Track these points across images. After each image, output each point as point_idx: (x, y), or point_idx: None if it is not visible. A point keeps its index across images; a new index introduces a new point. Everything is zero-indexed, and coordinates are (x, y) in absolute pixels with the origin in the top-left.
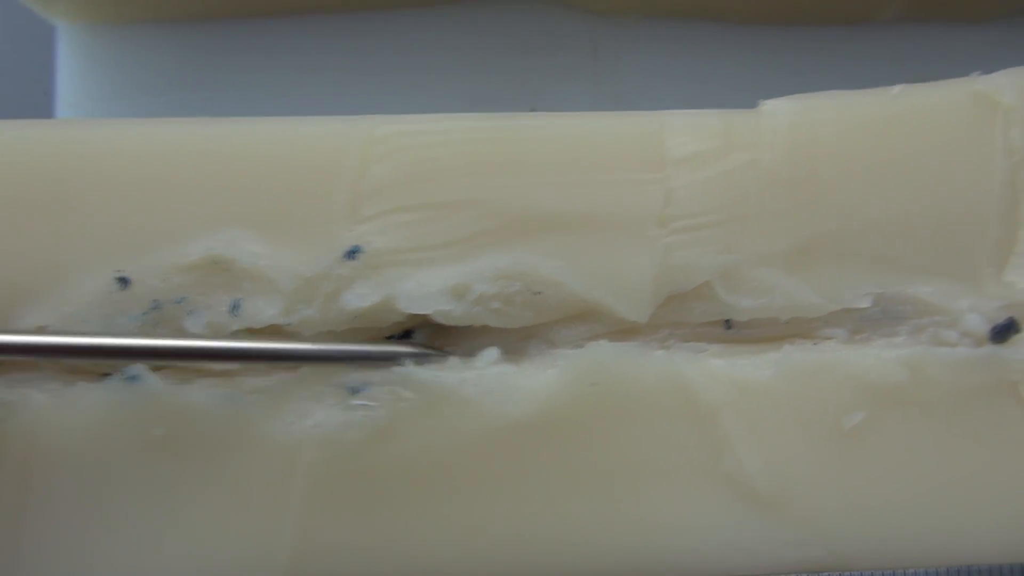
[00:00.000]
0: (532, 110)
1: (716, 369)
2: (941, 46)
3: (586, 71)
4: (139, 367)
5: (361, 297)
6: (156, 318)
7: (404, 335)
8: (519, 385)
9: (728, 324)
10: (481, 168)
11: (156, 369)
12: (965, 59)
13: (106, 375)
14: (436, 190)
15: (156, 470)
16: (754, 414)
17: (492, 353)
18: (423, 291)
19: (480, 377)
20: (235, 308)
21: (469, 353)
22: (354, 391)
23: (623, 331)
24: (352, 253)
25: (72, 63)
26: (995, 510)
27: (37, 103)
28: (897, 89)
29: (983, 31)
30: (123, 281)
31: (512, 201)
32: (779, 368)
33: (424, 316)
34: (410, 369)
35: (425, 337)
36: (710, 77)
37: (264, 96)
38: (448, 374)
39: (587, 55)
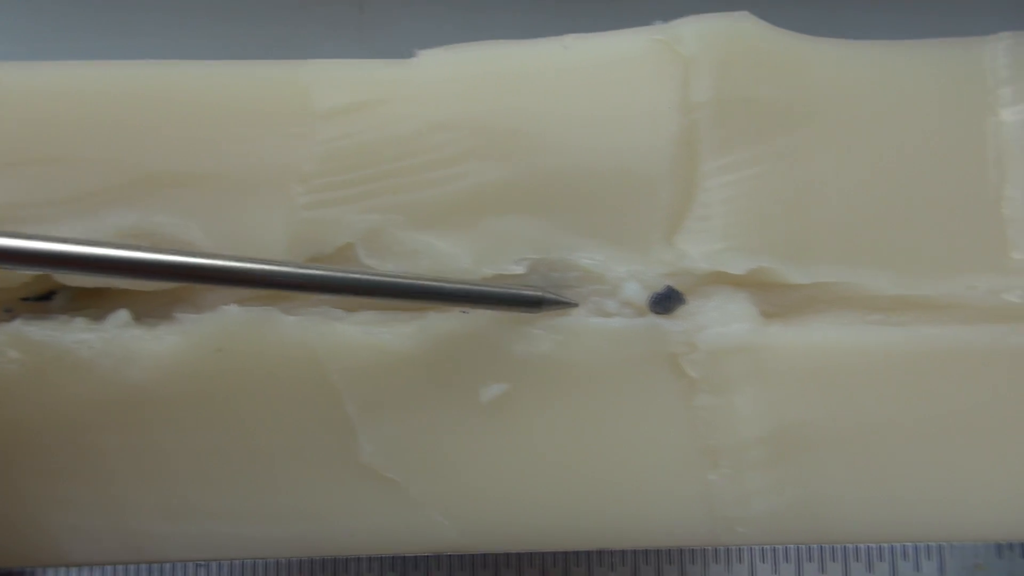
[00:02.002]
0: None
1: (352, 337)
2: None
3: (351, 24)
4: None
5: None
6: None
7: (45, 297)
8: (142, 349)
9: None
10: (108, 121)
11: None
12: None
13: None
14: (60, 143)
15: None
16: (389, 387)
17: (122, 315)
18: None
19: (100, 339)
20: None
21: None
22: None
23: (271, 296)
24: None
25: None
26: (644, 489)
27: None
28: (569, 39)
29: None
30: None
31: (141, 156)
32: (420, 338)
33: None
34: (21, 328)
35: (67, 299)
36: (483, 31)
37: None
38: (66, 335)
39: (353, 8)
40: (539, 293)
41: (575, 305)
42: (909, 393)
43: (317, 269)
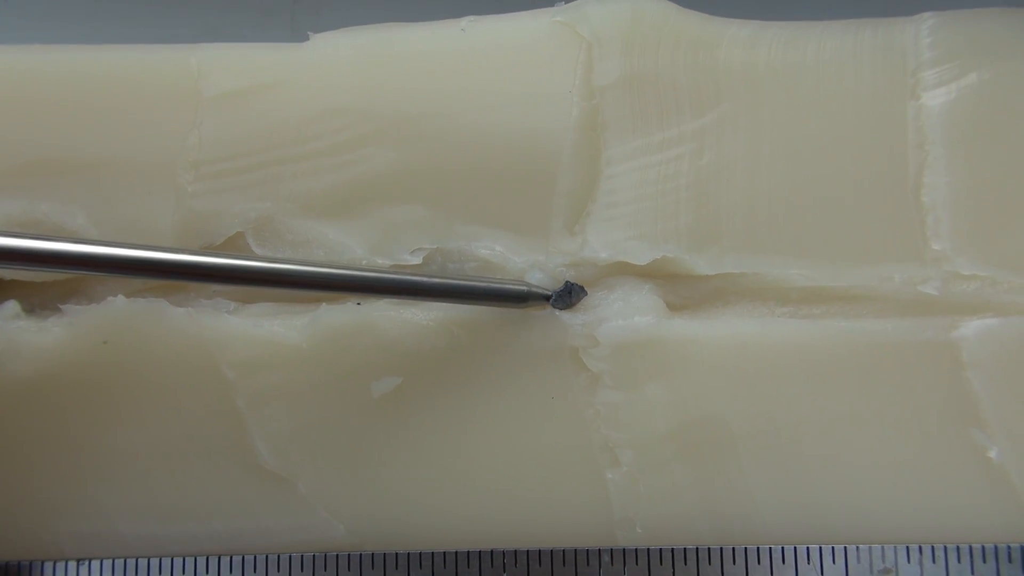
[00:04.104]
0: None
1: (243, 330)
2: None
3: (284, 13)
4: None
5: None
6: None
7: None
8: (27, 341)
9: None
10: None
11: None
12: None
13: None
14: None
15: None
16: (281, 380)
17: (11, 307)
18: None
19: None
20: None
21: None
22: None
23: (164, 287)
24: None
25: None
26: (539, 488)
27: None
28: (465, 21)
29: None
30: None
31: (27, 142)
32: (311, 330)
33: None
34: None
35: None
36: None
37: None
38: None
39: None
40: (525, 287)
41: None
42: (820, 390)
43: (302, 265)
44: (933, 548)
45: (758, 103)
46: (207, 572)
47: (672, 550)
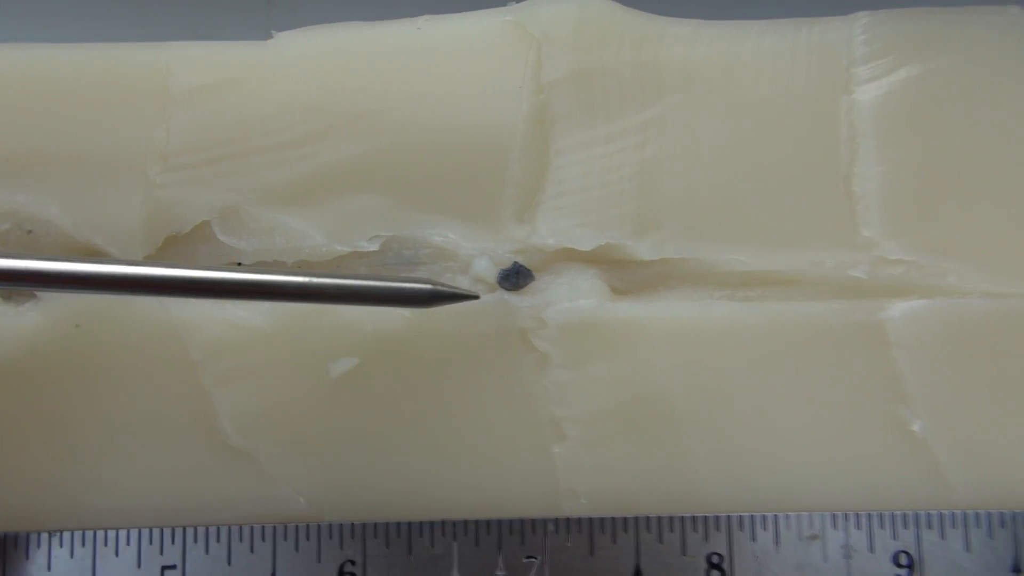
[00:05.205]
0: None
1: (208, 314)
2: None
3: (259, 13)
4: None
5: None
6: None
7: None
8: (5, 325)
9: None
10: None
11: None
12: None
13: None
14: None
15: None
16: (245, 361)
17: None
18: None
19: None
20: None
21: None
22: None
23: None
24: None
25: None
26: (489, 461)
27: None
28: (422, 20)
29: None
30: None
31: (2, 136)
32: (273, 314)
33: None
34: None
35: None
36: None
37: None
38: None
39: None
40: (431, 287)
41: (475, 297)
42: (755, 368)
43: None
44: (858, 515)
45: (698, 98)
46: (173, 543)
47: (613, 519)
